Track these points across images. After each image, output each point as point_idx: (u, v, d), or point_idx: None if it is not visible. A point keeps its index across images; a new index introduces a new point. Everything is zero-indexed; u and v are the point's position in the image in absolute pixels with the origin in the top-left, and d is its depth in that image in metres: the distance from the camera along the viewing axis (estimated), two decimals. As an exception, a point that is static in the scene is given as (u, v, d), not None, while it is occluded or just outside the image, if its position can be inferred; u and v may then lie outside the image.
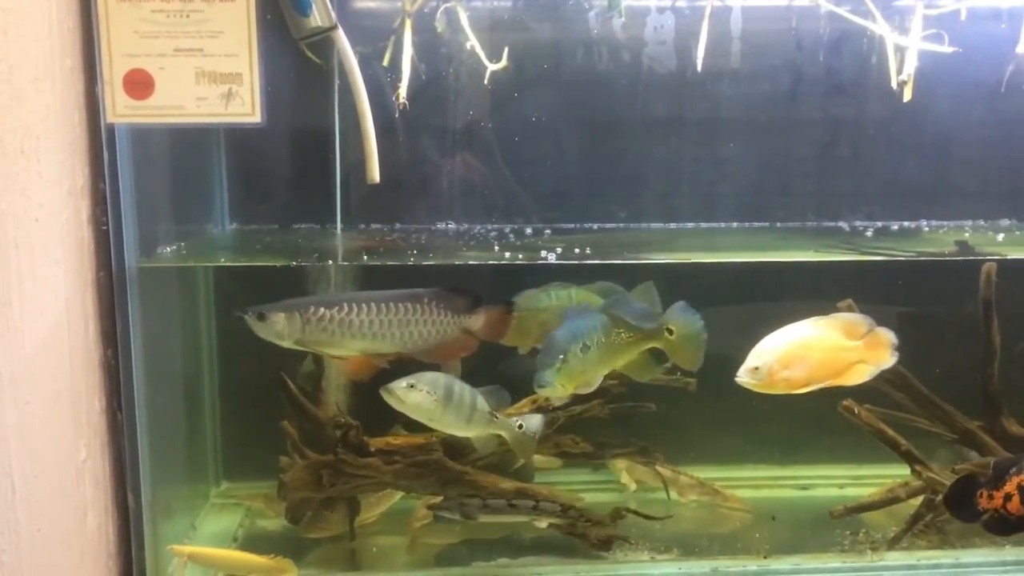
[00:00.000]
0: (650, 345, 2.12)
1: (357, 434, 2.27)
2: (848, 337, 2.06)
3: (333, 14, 2.11)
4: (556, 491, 2.40)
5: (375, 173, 2.19)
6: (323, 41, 2.21)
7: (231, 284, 2.62)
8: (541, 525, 2.31)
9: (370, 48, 2.41)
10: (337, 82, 2.30)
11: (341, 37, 2.15)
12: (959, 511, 2.11)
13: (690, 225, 2.70)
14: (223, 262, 2.59)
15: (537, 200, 2.60)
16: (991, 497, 2.08)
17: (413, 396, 2.03)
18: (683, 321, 2.10)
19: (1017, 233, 2.57)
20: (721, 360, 2.66)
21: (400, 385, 2.02)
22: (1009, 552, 2.26)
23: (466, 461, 2.34)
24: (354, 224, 2.59)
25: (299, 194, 2.64)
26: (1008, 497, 2.08)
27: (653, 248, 2.50)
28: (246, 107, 2.03)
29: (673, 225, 2.71)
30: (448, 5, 2.39)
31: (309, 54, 2.26)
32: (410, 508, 2.47)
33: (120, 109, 1.97)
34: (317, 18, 2.09)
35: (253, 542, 2.39)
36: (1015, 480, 2.08)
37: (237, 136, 2.50)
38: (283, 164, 2.62)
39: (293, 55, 2.26)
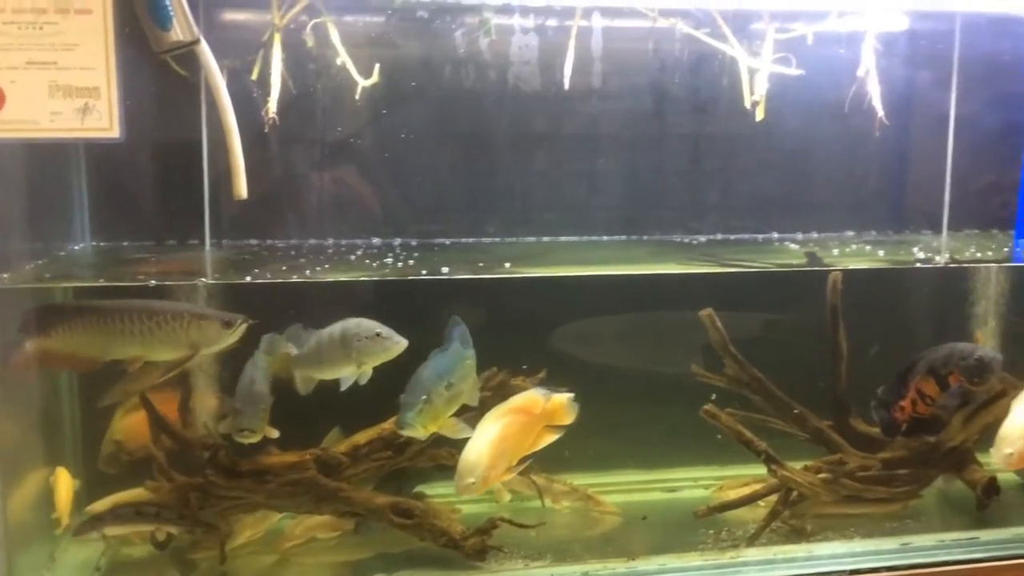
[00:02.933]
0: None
1: (227, 454, 2.23)
2: (530, 414, 2.21)
3: (195, 28, 2.07)
4: (434, 504, 2.42)
5: (242, 188, 2.16)
6: (189, 54, 2.18)
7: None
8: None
9: (239, 61, 2.39)
10: (204, 96, 2.27)
11: (205, 51, 2.10)
12: (890, 433, 2.48)
13: (562, 239, 2.79)
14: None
15: (408, 215, 2.63)
16: (903, 409, 2.44)
17: None
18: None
19: (854, 246, 2.75)
20: (591, 369, 2.76)
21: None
22: (858, 543, 2.41)
23: (341, 477, 2.34)
24: (224, 240, 2.56)
25: (167, 210, 2.57)
26: (914, 403, 2.44)
27: (521, 262, 2.56)
28: (104, 122, 1.97)
29: (547, 239, 2.79)
30: (318, 20, 2.38)
31: (175, 67, 2.22)
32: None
33: (-31, 124, 1.89)
34: (178, 32, 2.04)
35: (117, 571, 2.31)
36: (913, 385, 2.44)
37: (100, 151, 2.43)
38: (150, 179, 2.55)
39: (159, 68, 2.21)
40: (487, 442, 2.15)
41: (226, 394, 2.35)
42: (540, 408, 2.22)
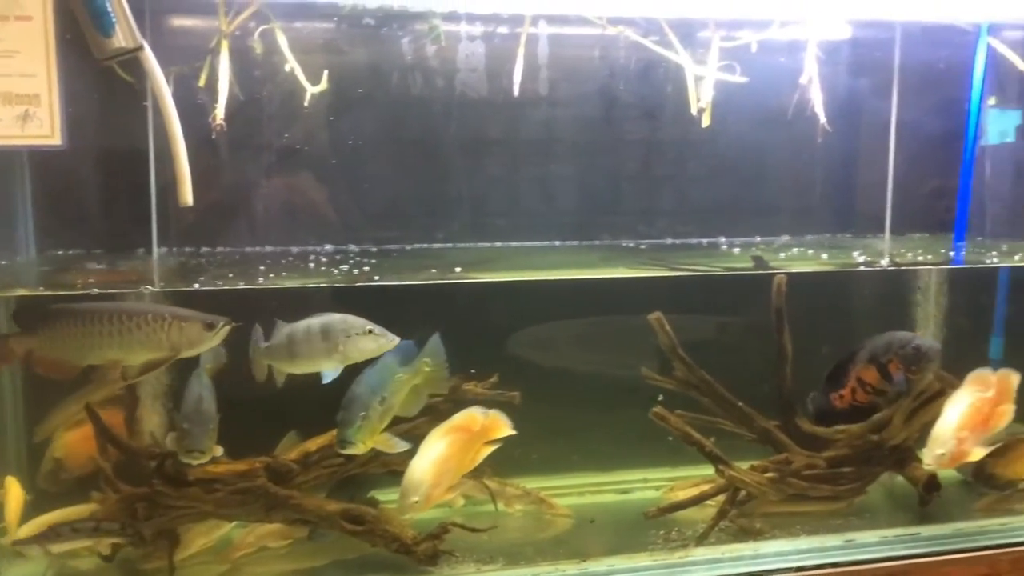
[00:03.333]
0: (414, 383, 2.29)
1: (174, 463, 2.21)
2: (470, 432, 2.27)
3: (138, 34, 2.05)
4: (386, 509, 2.42)
5: (187, 195, 2.14)
6: (134, 60, 2.16)
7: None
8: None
9: (187, 68, 2.37)
10: (150, 102, 2.25)
11: (149, 58, 2.08)
12: (825, 422, 2.56)
13: (514, 244, 2.81)
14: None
15: (358, 221, 2.63)
16: (842, 397, 2.54)
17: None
18: (435, 353, 2.31)
19: (795, 250, 2.80)
20: (543, 374, 2.78)
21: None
22: (804, 541, 2.45)
23: (292, 485, 2.33)
24: (174, 247, 2.54)
25: (115, 218, 2.55)
26: (854, 391, 2.52)
27: (474, 267, 2.58)
28: (45, 129, 1.95)
29: (499, 244, 2.81)
30: (266, 27, 2.38)
31: (121, 73, 2.20)
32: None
33: (-97, 131, 1.86)
34: (121, 39, 2.02)
35: (64, 583, 2.28)
36: (853, 374, 2.52)
37: (44, 159, 2.40)
38: (96, 187, 2.53)
39: (104, 74, 2.19)
40: (431, 461, 2.20)
41: (173, 405, 2.34)
42: (479, 425, 2.28)
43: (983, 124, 2.95)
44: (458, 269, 2.44)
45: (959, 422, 2.30)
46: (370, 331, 2.18)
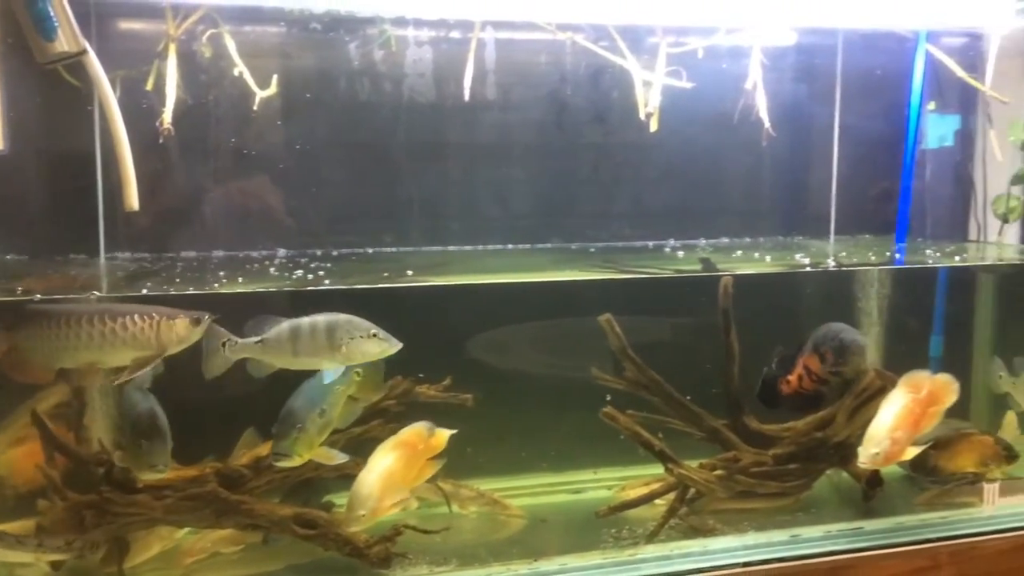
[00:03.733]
0: (349, 393, 2.31)
1: (122, 470, 2.20)
2: (415, 448, 2.28)
3: (81, 39, 2.04)
4: (339, 513, 2.42)
5: (133, 200, 2.13)
6: (80, 64, 2.14)
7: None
8: None
9: (134, 72, 2.36)
10: (96, 106, 2.24)
11: (92, 62, 2.07)
12: (770, 405, 2.64)
13: (467, 248, 2.83)
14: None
15: (311, 226, 2.64)
16: (789, 383, 2.60)
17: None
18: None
19: (740, 252, 2.86)
20: (497, 376, 2.80)
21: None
22: (751, 536, 2.50)
23: (243, 490, 2.33)
24: (121, 253, 2.52)
25: (61, 224, 2.52)
26: (801, 378, 2.58)
27: (427, 271, 2.59)
28: (-13, 134, 1.94)
29: (452, 248, 2.83)
30: (214, 31, 2.37)
31: (68, 77, 2.19)
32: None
33: None
34: (64, 43, 2.00)
35: (9, 594, 2.25)
36: (801, 362, 2.59)
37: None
38: (42, 193, 2.50)
39: (50, 79, 2.18)
40: (378, 476, 2.20)
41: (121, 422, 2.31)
42: (425, 442, 2.29)
43: (923, 129, 3.04)
44: (409, 272, 2.46)
45: (893, 423, 2.35)
46: (374, 335, 2.17)
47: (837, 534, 2.51)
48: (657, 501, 2.60)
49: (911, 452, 2.42)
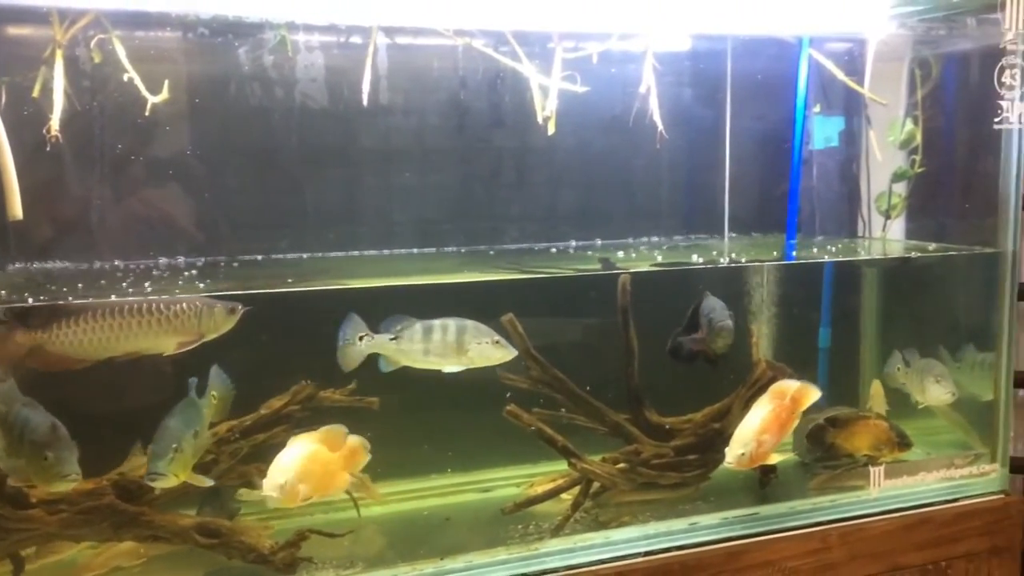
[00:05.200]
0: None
1: (13, 484, 2.14)
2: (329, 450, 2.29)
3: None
4: (242, 521, 2.41)
5: (17, 209, 2.09)
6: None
7: None
8: None
9: (20, 77, 2.30)
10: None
11: (-28, 69, 2.03)
12: (686, 361, 2.80)
13: (370, 253, 2.84)
14: None
15: (202, 233, 2.61)
16: (696, 340, 2.77)
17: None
18: (219, 383, 2.39)
19: (634, 253, 2.94)
20: (403, 379, 2.81)
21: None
22: (652, 526, 2.58)
23: (142, 501, 2.29)
24: (12, 262, 2.46)
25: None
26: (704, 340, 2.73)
27: (327, 276, 2.59)
28: None
29: (356, 253, 2.84)
30: (103, 36, 2.33)
31: (-50, 83, 2.12)
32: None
33: None
34: (-61, 49, 1.96)
35: None
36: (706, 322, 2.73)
37: None
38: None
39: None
40: (301, 455, 2.20)
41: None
42: (339, 445, 2.29)
43: (809, 130, 3.18)
44: (289, 280, 2.45)
45: (761, 425, 2.45)
46: (497, 341, 2.37)
47: (734, 520, 2.61)
48: (563, 496, 2.68)
49: (774, 457, 2.54)
